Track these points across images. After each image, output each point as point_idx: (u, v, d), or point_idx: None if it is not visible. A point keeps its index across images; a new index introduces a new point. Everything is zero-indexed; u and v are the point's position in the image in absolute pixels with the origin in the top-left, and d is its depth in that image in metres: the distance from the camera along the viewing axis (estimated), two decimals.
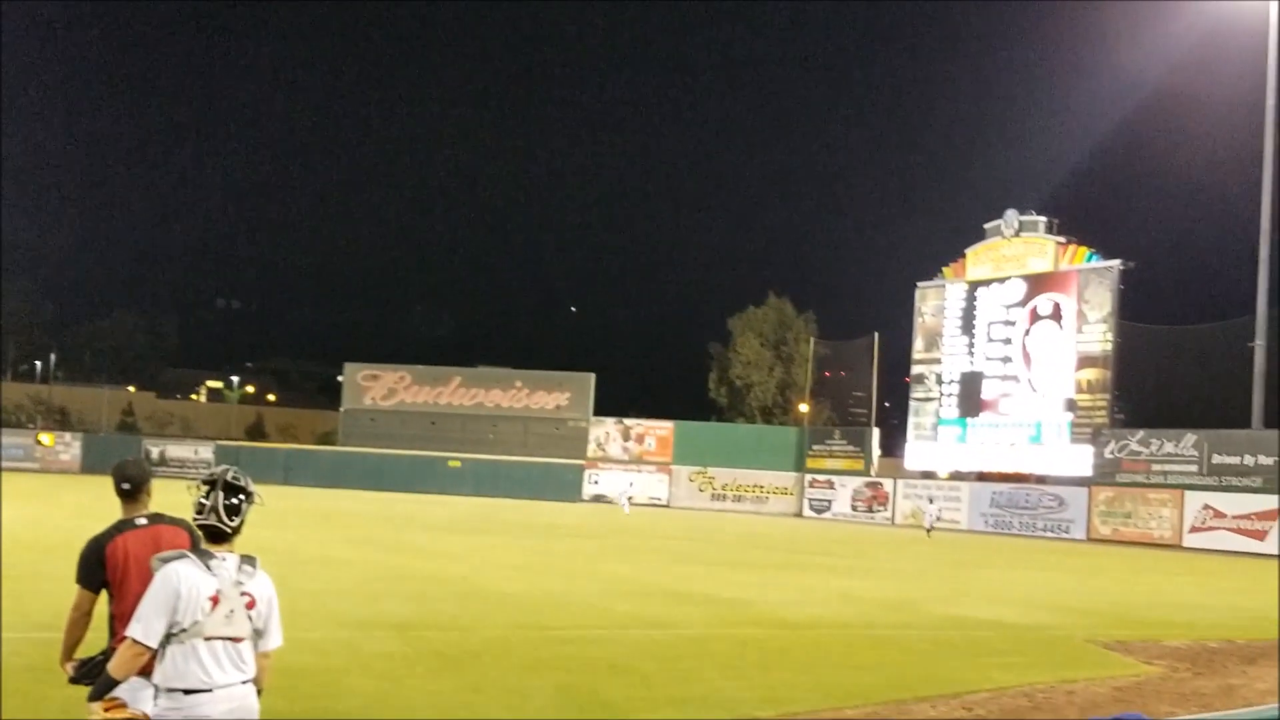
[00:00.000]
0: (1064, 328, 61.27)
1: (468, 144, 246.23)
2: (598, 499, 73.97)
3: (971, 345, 65.77)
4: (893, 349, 72.19)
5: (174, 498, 6.30)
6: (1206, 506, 52.50)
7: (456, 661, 13.00)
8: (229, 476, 5.54)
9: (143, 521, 6.34)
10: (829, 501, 70.19)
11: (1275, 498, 50.00)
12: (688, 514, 65.38)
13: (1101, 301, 59.90)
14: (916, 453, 68.78)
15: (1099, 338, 59.72)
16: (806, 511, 70.94)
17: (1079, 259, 61.09)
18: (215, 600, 5.31)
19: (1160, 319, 62.05)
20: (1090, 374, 59.90)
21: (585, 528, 44.66)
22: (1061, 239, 62.16)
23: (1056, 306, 61.71)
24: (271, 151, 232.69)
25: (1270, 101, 55.23)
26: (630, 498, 65.44)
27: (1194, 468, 53.90)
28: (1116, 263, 59.94)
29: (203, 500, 5.47)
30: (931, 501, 60.56)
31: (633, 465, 75.55)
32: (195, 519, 5.55)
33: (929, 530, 54.55)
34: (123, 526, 6.32)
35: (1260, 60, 56.03)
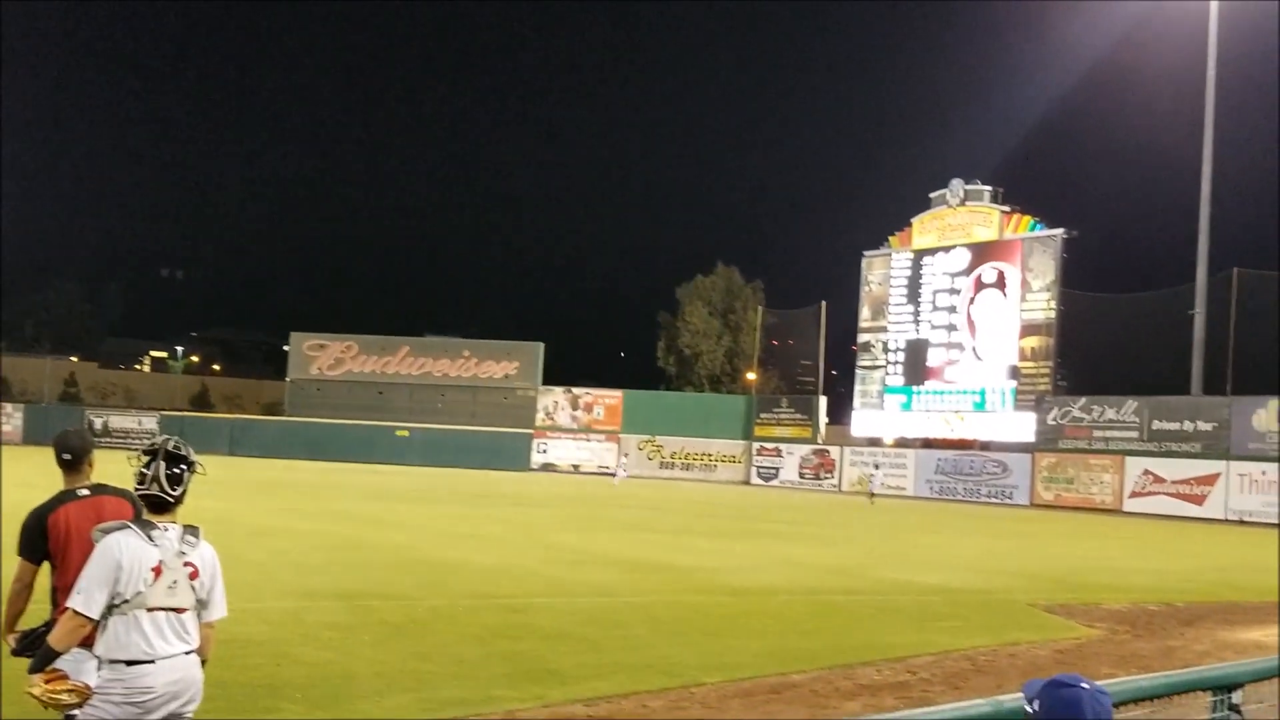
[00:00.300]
0: (1008, 296, 61.77)
1: (415, 111, 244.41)
2: (546, 468, 74.00)
3: (917, 314, 66.21)
4: (840, 317, 72.64)
5: (116, 468, 6.23)
6: (1147, 472, 53.22)
7: (403, 630, 12.97)
8: (170, 446, 5.49)
9: (85, 492, 6.29)
10: (776, 469, 70.54)
11: (1214, 463, 50.72)
12: (636, 482, 65.49)
13: (1045, 270, 60.41)
14: (863, 420, 69.22)
15: (1042, 306, 60.25)
16: (754, 479, 71.27)
17: (1023, 228, 61.56)
18: (158, 571, 5.26)
19: (1102, 287, 62.74)
20: (1033, 341, 60.47)
21: (534, 496, 44.66)
22: (1006, 208, 62.61)
23: (1001, 275, 62.18)
24: (215, 120, 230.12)
25: (1210, 74, 55.80)
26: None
27: (1135, 434, 54.61)
28: (1060, 231, 60.46)
29: (144, 470, 5.42)
30: (877, 468, 61.17)
31: (581, 434, 75.58)
32: (137, 489, 5.48)
33: (871, 496, 54.98)
34: (65, 497, 6.26)
35: (1200, 33, 56.56)
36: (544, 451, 75.29)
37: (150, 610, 5.24)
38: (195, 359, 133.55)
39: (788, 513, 42.16)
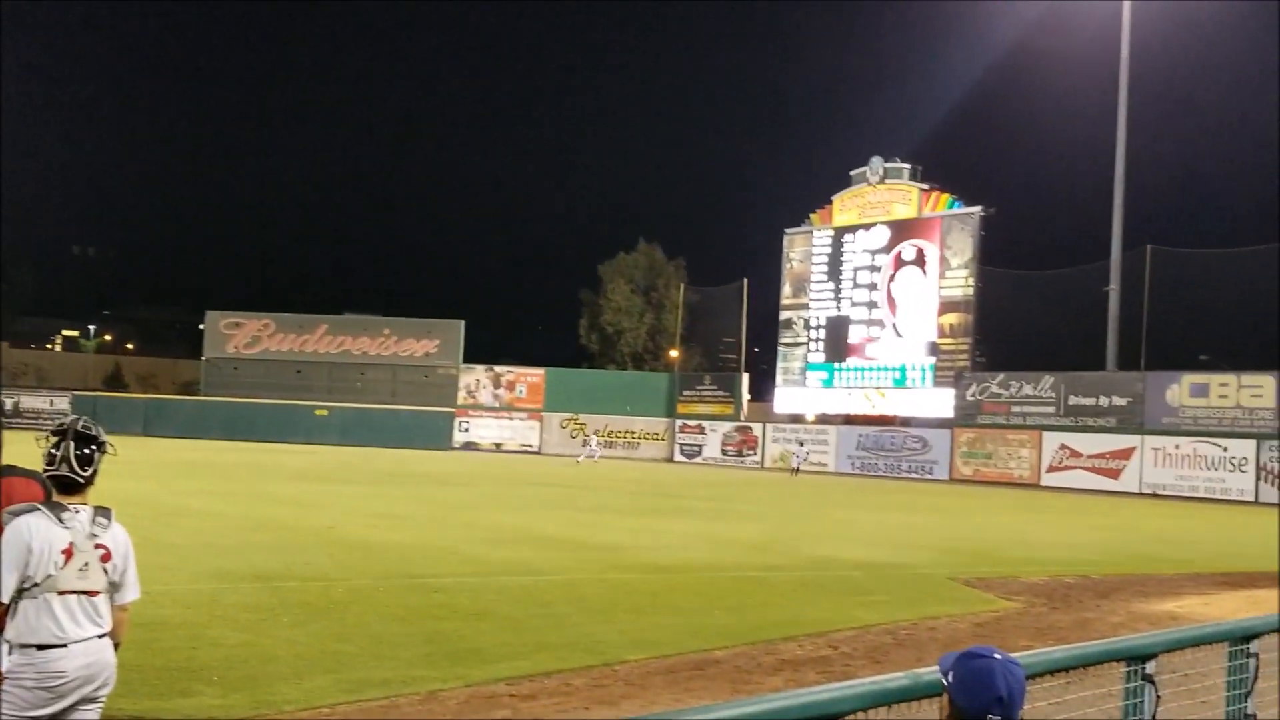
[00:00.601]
0: (927, 273, 62.34)
1: (332, 85, 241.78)
2: (468, 446, 73.72)
3: (838, 291, 66.64)
4: (762, 295, 72.92)
5: (25, 449, 6.10)
6: (1063, 446, 54.05)
7: (323, 611, 12.83)
8: (80, 426, 5.40)
9: None
10: (699, 446, 70.81)
11: (1129, 437, 51.59)
12: (559, 460, 65.44)
13: (963, 247, 61.03)
14: (785, 397, 69.61)
15: (961, 283, 60.89)
16: (677, 456, 71.51)
17: (941, 205, 62.14)
18: (69, 553, 5.18)
19: (1020, 264, 63.55)
20: (952, 318, 61.10)
21: (455, 475, 44.46)
22: (925, 186, 63.15)
23: (920, 252, 62.74)
24: (127, 93, 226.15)
25: (1124, 53, 56.64)
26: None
27: (1051, 409, 55.43)
28: (978, 209, 61.11)
29: (53, 451, 5.33)
30: (801, 444, 61.72)
31: (503, 413, 75.37)
32: (46, 470, 5.39)
33: (795, 471, 55.31)
34: None
35: (1114, 17, 57.39)
36: (465, 430, 74.99)
37: (61, 593, 5.17)
38: (108, 338, 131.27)
39: (710, 489, 42.33)
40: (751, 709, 3.39)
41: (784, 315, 69.94)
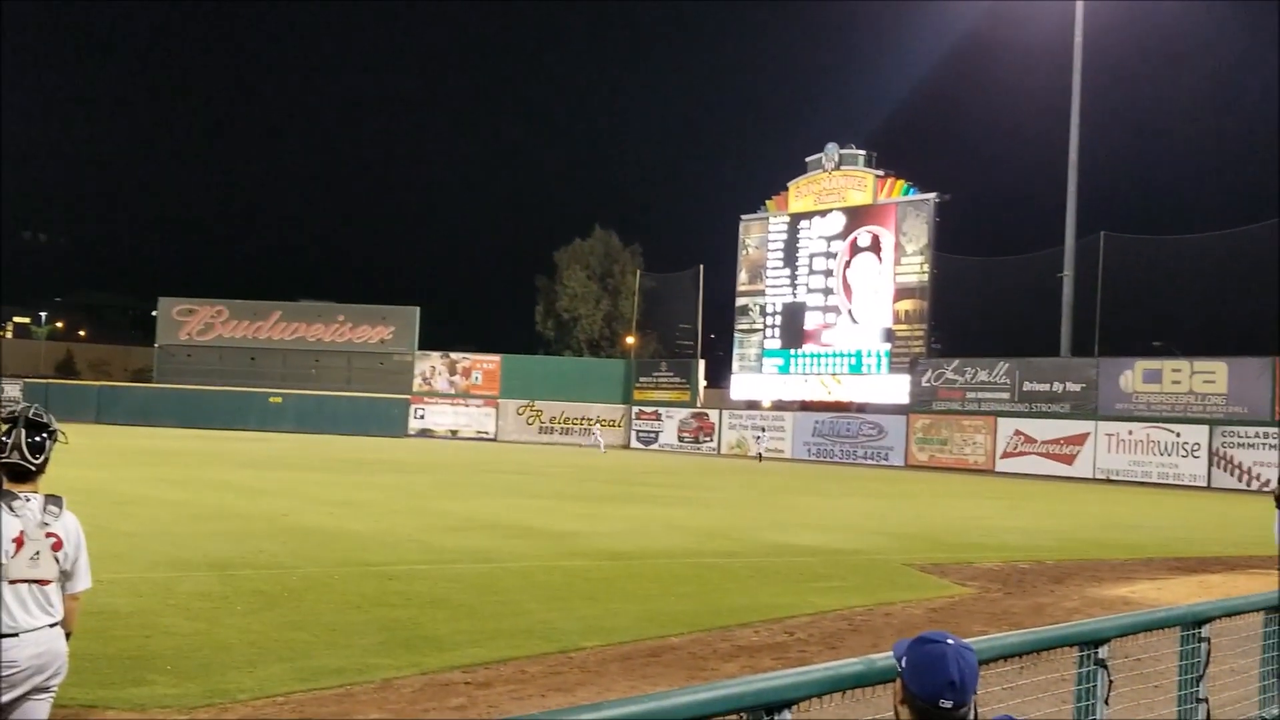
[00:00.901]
0: (883, 259, 62.56)
1: (290, 69, 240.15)
2: (424, 433, 73.49)
3: (794, 277, 66.79)
4: (718, 281, 73.02)
5: None
6: (1018, 432, 54.41)
7: (277, 599, 12.77)
8: (31, 414, 5.34)
9: None
10: (656, 433, 70.87)
11: (1082, 423, 52.01)
12: (515, 447, 65.39)
13: (918, 233, 61.27)
14: (741, 384, 69.72)
15: (916, 269, 61.13)
16: (634, 443, 71.55)
17: (897, 192, 62.35)
18: (19, 542, 5.13)
19: (975, 251, 63.88)
20: (908, 304, 61.35)
21: (410, 462, 44.33)
22: (880, 172, 63.33)
23: (875, 238, 62.95)
24: (80, 77, 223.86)
25: (1077, 40, 57.02)
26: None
27: (1006, 395, 55.79)
28: (933, 196, 61.32)
29: (3, 439, 5.27)
30: (764, 431, 62.00)
31: (459, 400, 75.17)
32: None
33: (759, 458, 55.59)
34: None
35: (1069, 8, 57.76)
36: (421, 417, 74.74)
37: (12, 582, 5.12)
38: (60, 325, 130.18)
39: (667, 476, 42.39)
40: (707, 695, 3.39)
41: (740, 302, 70.04)
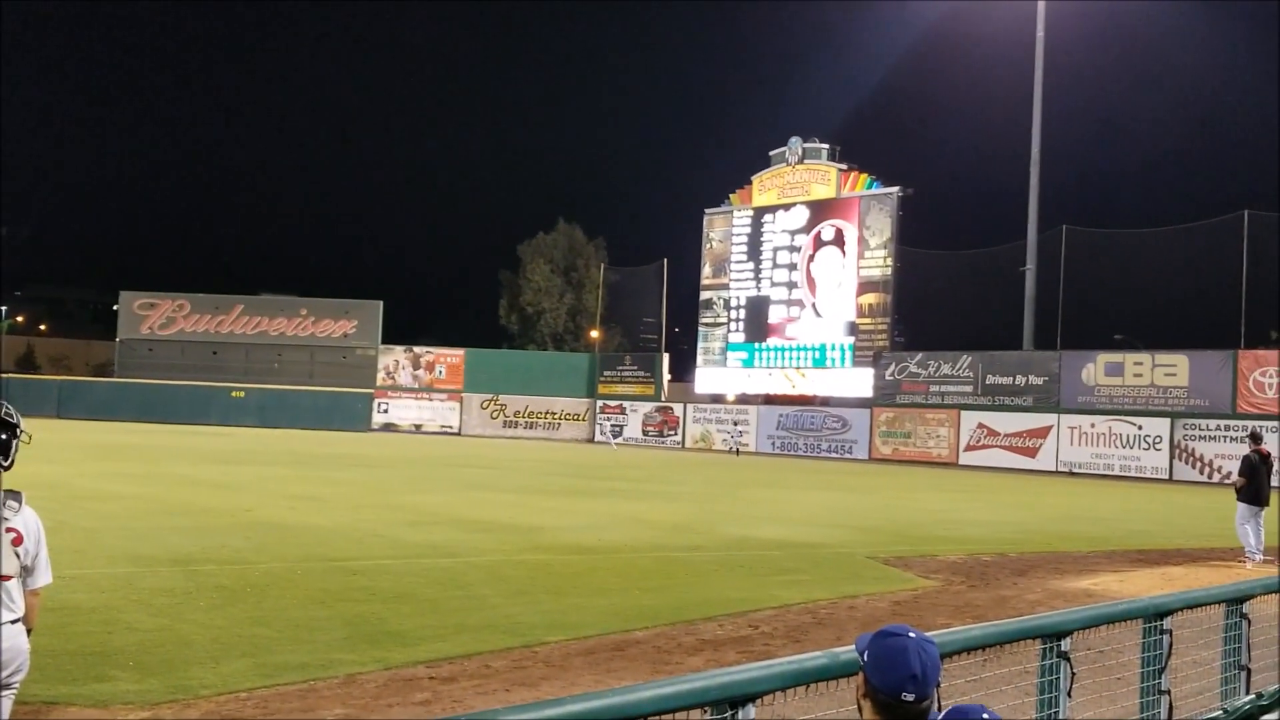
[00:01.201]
0: (846, 253, 62.75)
1: (253, 60, 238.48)
2: (388, 428, 73.26)
3: (758, 271, 66.93)
4: (683, 275, 73.06)
5: None
6: (981, 425, 54.69)
7: (240, 595, 12.70)
8: (2, 413, 5.31)
9: None
10: (621, 427, 70.86)
11: (1045, 416, 52.32)
12: (479, 441, 65.28)
13: (881, 227, 61.49)
14: (706, 377, 69.80)
15: (879, 262, 61.33)
16: (599, 437, 71.53)
17: (860, 185, 62.57)
18: None
19: (938, 244, 64.18)
20: (871, 298, 61.55)
21: (374, 457, 44.18)
22: (843, 166, 63.51)
23: (839, 232, 63.14)
24: (33, 68, 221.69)
25: (1039, 34, 57.36)
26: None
27: (969, 388, 56.08)
28: (895, 189, 61.57)
29: None
30: (736, 425, 62.36)
31: (423, 394, 74.96)
32: None
33: (736, 452, 56.14)
34: None
35: (1030, 3, 58.09)
36: (385, 411, 74.50)
37: None
38: (20, 319, 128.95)
39: (631, 470, 42.40)
40: (671, 689, 3.39)
41: (704, 295, 70.12)
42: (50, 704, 8.00)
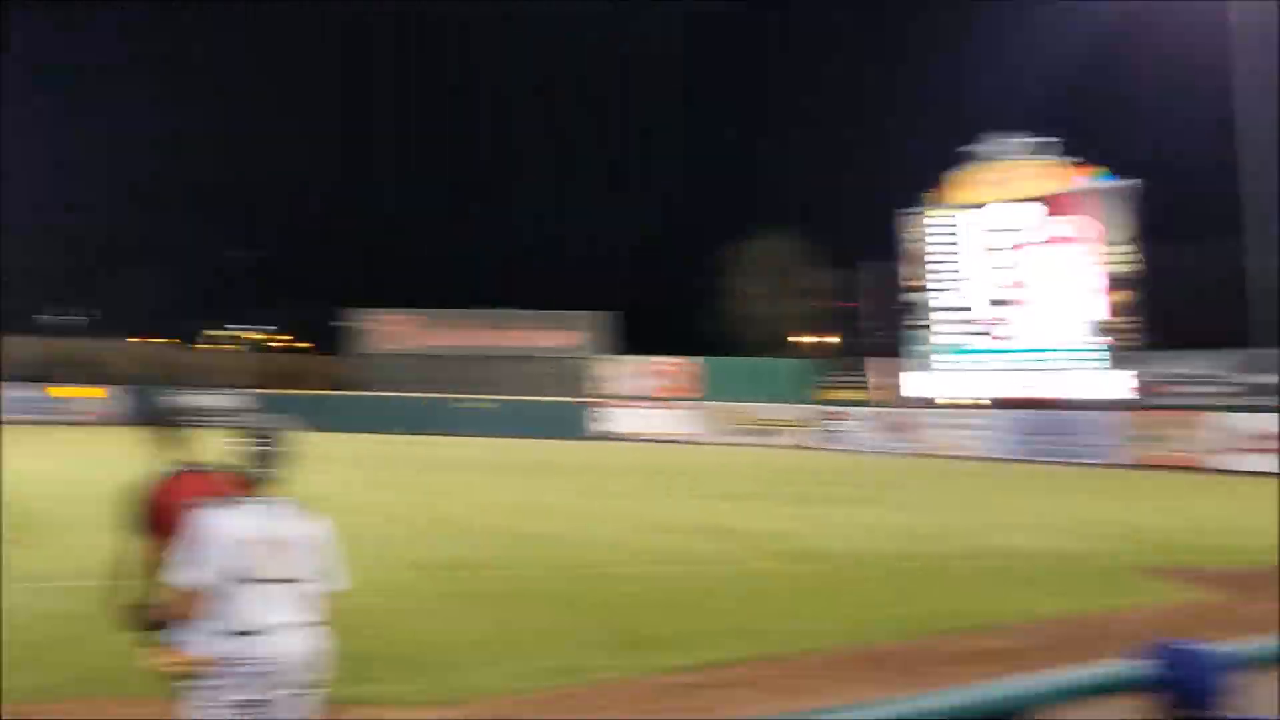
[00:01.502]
0: (1082, 250, 60.77)
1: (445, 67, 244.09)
2: (613, 436, 73.84)
3: (969, 271, 65.03)
4: (889, 277, 71.52)
5: (210, 445, 6.44)
6: (1240, 427, 51.91)
7: (501, 600, 13.12)
8: (260, 423, 5.70)
9: (183, 468, 6.47)
10: (843, 432, 69.97)
11: None
12: (705, 449, 65.48)
13: (1120, 222, 59.35)
14: (915, 381, 68.01)
15: (1121, 258, 59.14)
16: (821, 443, 70.76)
17: (1090, 179, 60.31)
18: (260, 544, 5.44)
19: (1177, 239, 61.52)
20: (1115, 296, 59.37)
21: (606, 465, 44.64)
22: (1069, 159, 61.42)
23: (1073, 227, 61.15)
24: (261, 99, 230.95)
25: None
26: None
27: (1227, 388, 53.38)
28: (1134, 181, 59.16)
29: (239, 447, 5.61)
30: (963, 429, 61.20)
31: (649, 402, 75.51)
32: (233, 465, 5.68)
33: (971, 458, 55.53)
34: (165, 473, 6.44)
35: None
36: (610, 420, 75.18)
37: (257, 581, 5.39)
38: (264, 336, 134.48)
39: (861, 476, 41.94)
40: (931, 703, 3.36)
41: (907, 297, 68.46)
42: (336, 704, 8.41)
